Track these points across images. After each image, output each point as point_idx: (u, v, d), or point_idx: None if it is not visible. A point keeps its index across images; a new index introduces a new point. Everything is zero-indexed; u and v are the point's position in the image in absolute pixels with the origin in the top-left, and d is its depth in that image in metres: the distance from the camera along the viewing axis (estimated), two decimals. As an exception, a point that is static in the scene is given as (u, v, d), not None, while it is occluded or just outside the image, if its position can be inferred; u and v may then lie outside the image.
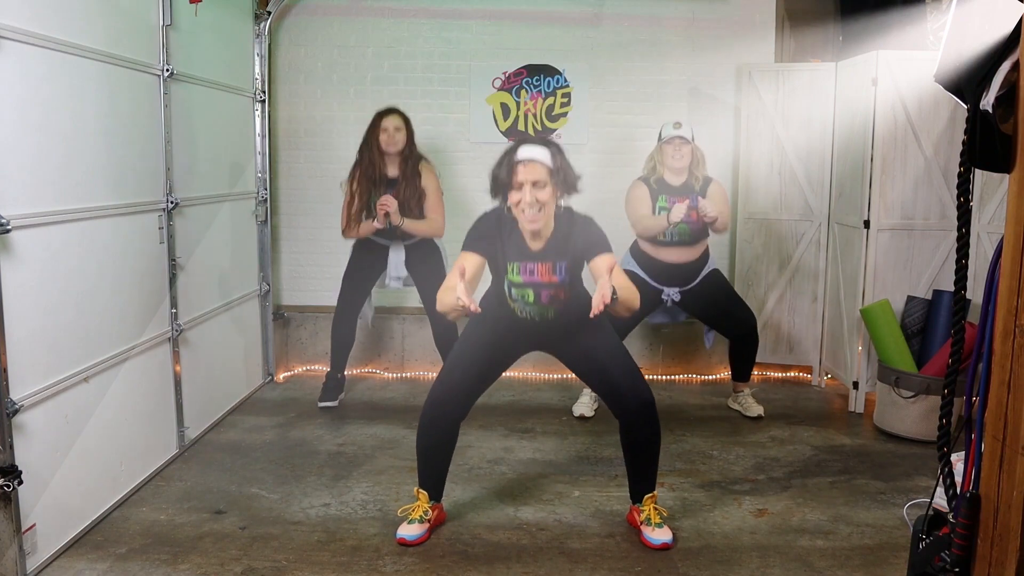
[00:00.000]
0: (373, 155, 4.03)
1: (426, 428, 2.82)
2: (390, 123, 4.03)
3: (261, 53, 4.54)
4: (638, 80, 4.89)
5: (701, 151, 4.00)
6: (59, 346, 2.66)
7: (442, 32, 4.87)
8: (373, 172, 4.03)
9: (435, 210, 4.09)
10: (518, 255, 2.72)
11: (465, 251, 2.71)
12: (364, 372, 4.95)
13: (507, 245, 2.72)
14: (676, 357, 5.01)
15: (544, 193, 2.60)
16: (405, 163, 4.06)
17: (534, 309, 2.76)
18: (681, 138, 3.90)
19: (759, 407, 4.17)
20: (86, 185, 2.83)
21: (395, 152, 4.04)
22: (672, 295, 4.03)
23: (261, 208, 4.61)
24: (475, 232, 2.75)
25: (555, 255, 2.71)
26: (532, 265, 2.70)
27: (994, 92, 1.53)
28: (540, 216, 2.62)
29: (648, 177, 3.99)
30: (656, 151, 4.00)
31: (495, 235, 2.72)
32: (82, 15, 2.79)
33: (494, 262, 2.77)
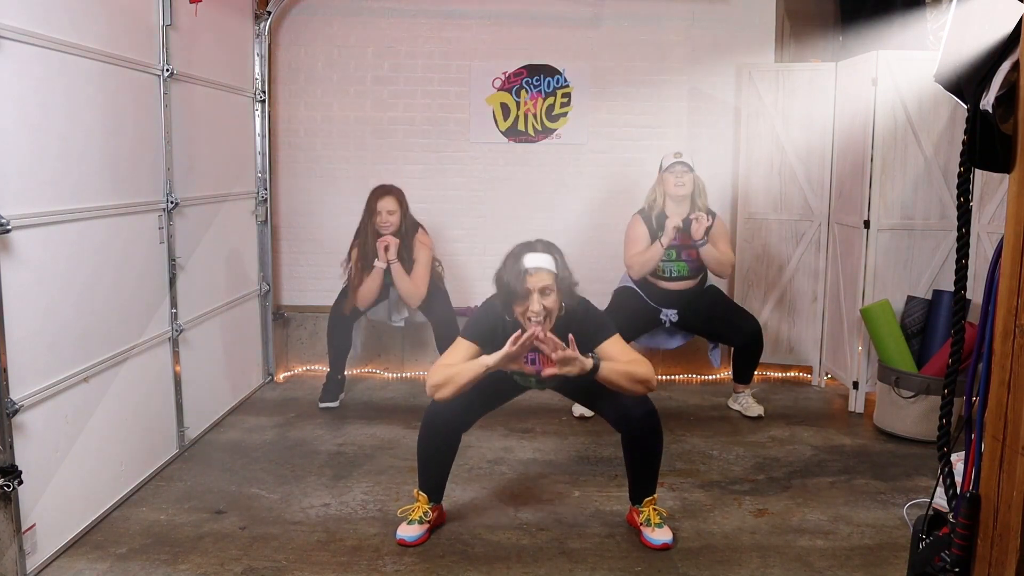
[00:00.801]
0: (369, 237, 4.13)
1: (426, 436, 2.81)
2: (383, 206, 4.11)
3: (261, 53, 4.54)
4: (638, 80, 4.88)
5: (702, 181, 4.04)
6: (59, 346, 2.66)
7: (442, 32, 4.87)
8: (369, 250, 4.12)
9: (419, 280, 4.16)
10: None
11: (464, 338, 2.74)
12: (364, 372, 4.95)
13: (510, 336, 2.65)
14: (676, 357, 5.00)
15: (550, 300, 2.62)
16: (402, 240, 4.14)
17: (536, 384, 2.88)
18: (683, 164, 3.93)
19: (759, 407, 4.17)
20: (86, 185, 2.83)
21: (390, 233, 4.12)
22: (670, 316, 4.07)
23: (261, 208, 4.61)
24: (477, 321, 2.78)
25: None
26: (534, 355, 2.70)
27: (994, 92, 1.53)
28: (545, 324, 2.63)
29: (649, 213, 4.02)
30: (657, 181, 4.04)
31: (498, 332, 2.72)
32: (82, 15, 2.79)
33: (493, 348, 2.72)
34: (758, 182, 4.73)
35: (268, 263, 4.71)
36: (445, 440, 2.82)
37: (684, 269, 4.00)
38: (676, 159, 3.94)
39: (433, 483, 2.87)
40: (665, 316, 4.08)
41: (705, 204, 4.01)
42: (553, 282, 2.62)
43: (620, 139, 4.93)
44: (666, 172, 3.97)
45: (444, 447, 2.83)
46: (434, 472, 2.87)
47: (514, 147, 4.94)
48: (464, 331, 2.79)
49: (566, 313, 2.72)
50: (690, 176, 3.94)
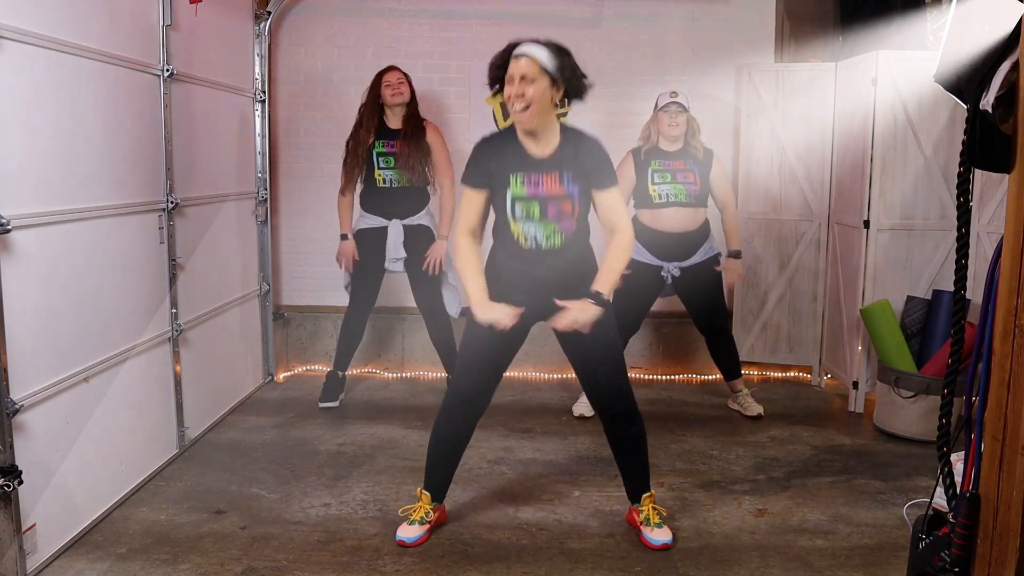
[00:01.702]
0: (373, 108, 4.05)
1: (444, 428, 2.80)
2: (393, 76, 4.06)
3: (261, 53, 4.54)
4: (638, 80, 4.88)
5: (697, 120, 3.99)
6: (59, 346, 2.66)
7: (442, 32, 4.87)
8: (373, 122, 4.03)
9: (443, 172, 4.10)
10: (522, 165, 2.64)
11: (466, 187, 2.70)
12: (364, 372, 4.95)
13: (507, 159, 2.65)
14: (676, 357, 5.01)
15: (532, 89, 2.52)
16: (408, 117, 4.07)
17: (541, 230, 2.63)
18: (677, 105, 3.90)
19: (759, 407, 4.17)
20: (86, 185, 2.83)
21: (399, 103, 4.06)
22: (672, 270, 3.98)
23: (261, 208, 4.61)
24: (472, 162, 2.70)
25: (561, 166, 2.63)
26: (537, 176, 2.62)
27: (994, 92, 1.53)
28: (527, 115, 2.56)
29: (640, 148, 3.99)
30: (652, 120, 4.00)
31: (491, 156, 2.67)
32: (82, 15, 2.79)
33: (495, 187, 2.67)
34: (758, 182, 4.72)
35: (268, 263, 4.71)
36: (465, 430, 2.81)
37: (681, 193, 3.90)
38: (672, 99, 3.91)
39: (439, 481, 2.87)
40: (667, 271, 3.97)
41: (700, 143, 3.97)
42: (537, 72, 2.52)
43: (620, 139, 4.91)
44: (660, 111, 3.93)
45: (462, 438, 2.82)
46: (443, 468, 2.86)
47: (514, 147, 4.93)
48: (464, 178, 2.72)
49: (574, 137, 2.67)
50: (684, 116, 3.92)
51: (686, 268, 3.99)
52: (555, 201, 2.62)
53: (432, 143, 4.10)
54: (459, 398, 2.77)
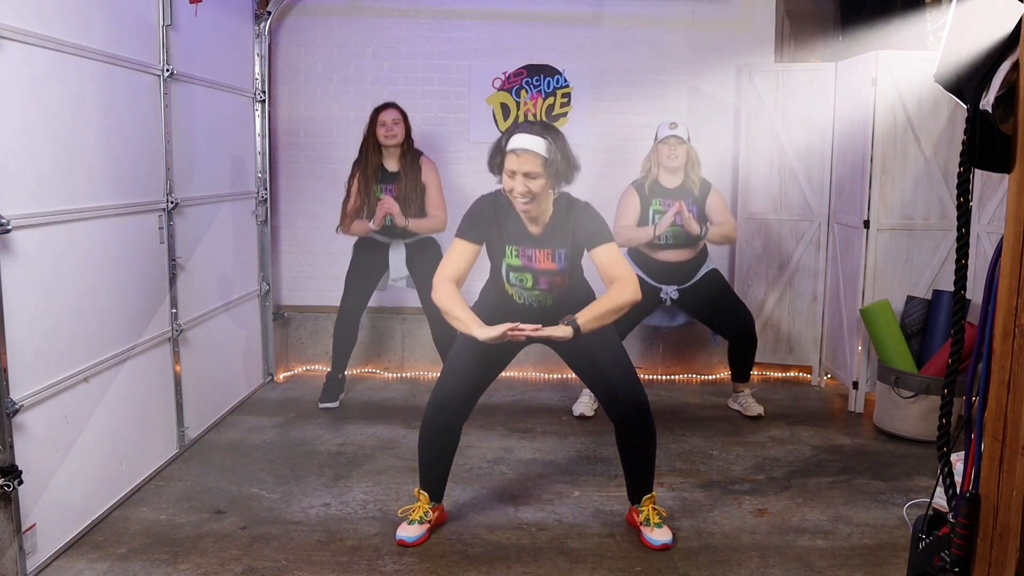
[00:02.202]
0: (371, 150, 4.06)
1: (428, 432, 2.81)
2: (388, 116, 4.07)
3: (261, 53, 4.54)
4: (638, 80, 4.88)
5: (696, 152, 4.02)
6: (59, 346, 2.66)
7: (442, 32, 4.87)
8: (371, 167, 4.05)
9: (437, 205, 4.11)
10: (517, 239, 2.70)
11: (459, 238, 2.69)
12: (364, 372, 4.95)
13: (505, 228, 2.69)
14: (676, 357, 5.01)
15: (536, 184, 2.55)
16: (404, 157, 4.09)
17: (533, 295, 2.75)
18: (676, 137, 3.92)
19: (759, 407, 4.17)
20: (86, 185, 2.83)
21: (394, 145, 4.07)
22: (670, 293, 4.03)
23: (261, 208, 4.61)
24: (470, 218, 2.71)
25: (554, 242, 2.68)
26: (531, 251, 2.69)
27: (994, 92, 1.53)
28: (532, 205, 2.60)
29: (643, 182, 4.01)
30: (652, 152, 4.03)
31: (491, 219, 2.69)
32: (82, 15, 2.79)
33: (491, 246, 2.74)
34: (758, 182, 4.73)
35: (268, 263, 4.71)
36: (447, 435, 2.81)
37: (679, 235, 3.92)
38: (671, 131, 3.93)
39: (435, 481, 2.87)
40: (665, 294, 4.03)
41: (699, 176, 4.00)
42: (540, 167, 2.53)
43: (620, 139, 4.93)
44: (660, 143, 3.96)
45: (446, 443, 2.83)
46: (436, 470, 2.86)
47: (514, 147, 4.93)
48: (459, 232, 2.71)
49: (565, 207, 2.68)
50: (683, 148, 3.94)
51: (684, 289, 4.05)
52: (547, 274, 2.71)
53: (428, 182, 4.12)
54: (437, 405, 2.78)
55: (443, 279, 2.64)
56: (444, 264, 2.68)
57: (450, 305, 2.59)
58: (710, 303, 4.08)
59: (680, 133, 3.93)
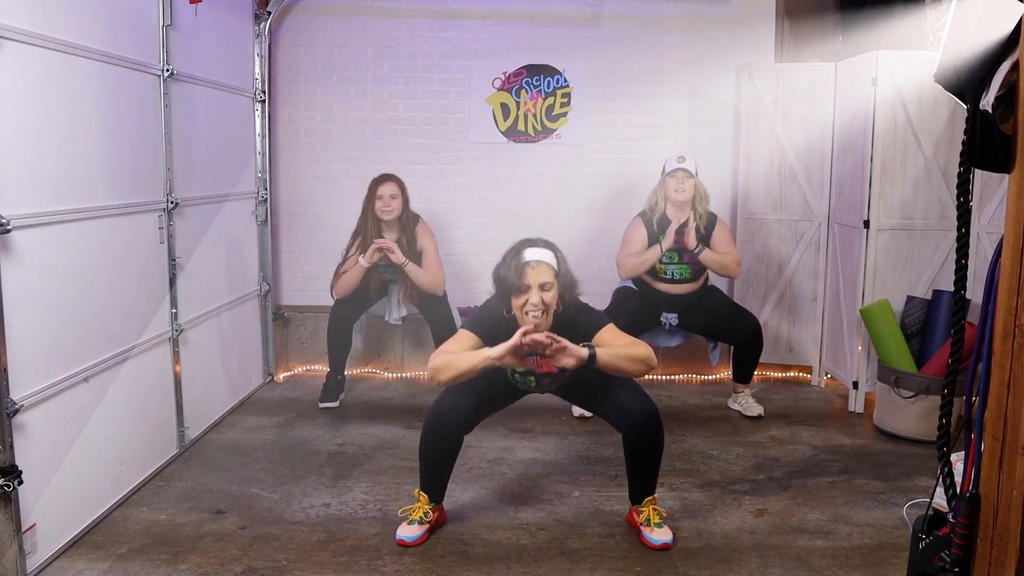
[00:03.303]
0: (370, 222, 4.14)
1: (429, 437, 2.81)
2: (385, 191, 4.13)
3: (261, 53, 4.54)
4: (638, 80, 4.88)
5: (704, 187, 4.05)
6: (59, 346, 2.66)
7: (442, 32, 4.87)
8: (369, 239, 4.10)
9: (435, 268, 4.18)
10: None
11: (465, 330, 2.77)
12: (364, 372, 4.95)
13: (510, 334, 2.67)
14: (676, 357, 5.00)
15: (549, 295, 2.65)
16: (402, 230, 4.17)
17: (536, 388, 2.91)
18: (684, 171, 3.94)
19: (759, 407, 4.17)
20: (86, 185, 2.83)
21: (391, 219, 4.13)
22: (670, 319, 4.09)
23: (261, 208, 4.61)
24: (481, 318, 2.80)
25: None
26: (534, 358, 2.72)
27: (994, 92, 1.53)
28: (542, 319, 2.66)
29: (650, 216, 4.03)
30: (659, 185, 4.05)
31: (500, 327, 2.73)
32: (82, 15, 2.79)
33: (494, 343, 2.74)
34: (758, 182, 4.72)
35: (268, 263, 4.71)
36: (447, 441, 2.82)
37: (686, 272, 4.00)
38: (679, 164, 3.95)
39: (434, 484, 2.87)
40: (665, 319, 4.10)
41: (706, 210, 4.02)
42: (553, 278, 2.66)
43: (620, 139, 4.93)
44: (668, 176, 3.98)
45: (446, 448, 2.83)
46: (435, 473, 2.87)
47: (514, 147, 4.94)
48: (466, 324, 2.81)
49: (559, 314, 2.74)
50: (691, 182, 3.95)
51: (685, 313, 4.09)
52: (549, 376, 2.81)
53: (424, 247, 4.19)
54: (439, 418, 2.78)
55: (443, 351, 2.70)
56: (446, 344, 2.75)
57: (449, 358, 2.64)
58: (714, 318, 4.10)
59: (688, 167, 3.95)
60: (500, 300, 2.75)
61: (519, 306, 2.66)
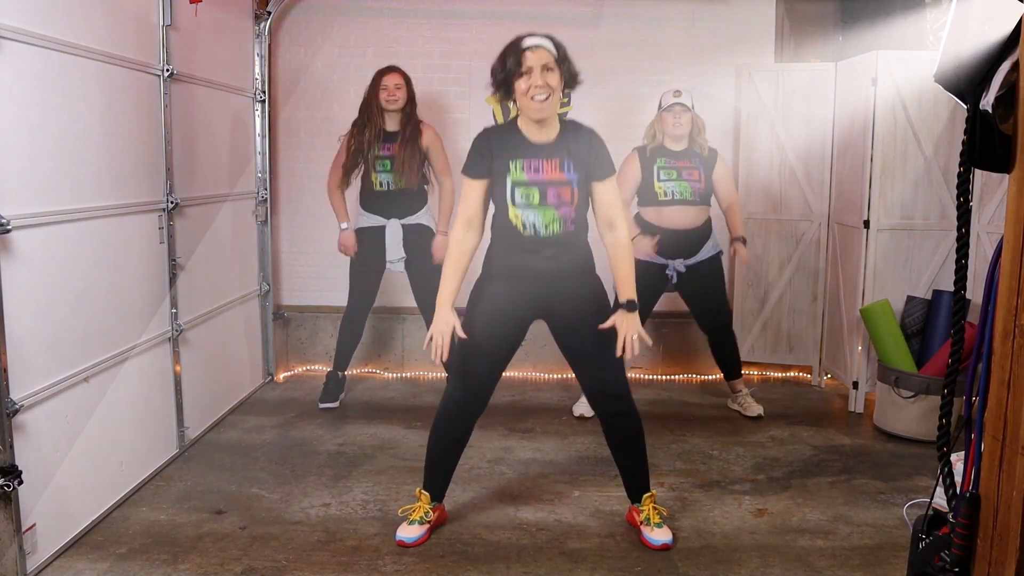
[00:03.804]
0: (372, 111, 4.05)
1: (444, 426, 2.80)
2: (390, 80, 4.05)
3: (261, 53, 4.54)
4: (638, 80, 4.88)
5: (701, 119, 4.01)
6: (59, 346, 2.66)
7: (442, 32, 4.87)
8: (370, 126, 4.03)
9: (444, 171, 4.11)
10: (522, 152, 2.66)
11: (467, 177, 2.72)
12: (364, 372, 4.95)
13: (509, 146, 2.67)
14: (676, 357, 5.00)
15: (553, 78, 2.58)
16: (406, 121, 4.08)
17: (539, 217, 2.62)
18: (681, 105, 3.91)
19: (758, 407, 4.17)
20: (86, 185, 2.83)
21: (395, 109, 4.06)
22: (677, 267, 3.98)
23: (261, 208, 4.61)
24: (472, 154, 2.73)
25: (562, 152, 2.65)
26: (538, 162, 2.64)
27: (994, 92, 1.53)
28: (548, 104, 2.60)
29: (646, 146, 4.00)
30: (656, 119, 4.01)
31: (494, 144, 2.69)
32: (82, 15, 2.79)
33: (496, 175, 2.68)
34: (758, 182, 4.72)
35: (268, 263, 4.71)
36: (462, 429, 2.81)
37: (687, 190, 3.91)
38: (675, 99, 3.91)
39: (438, 481, 2.87)
40: (671, 270, 3.98)
41: (705, 141, 3.99)
42: (554, 60, 2.60)
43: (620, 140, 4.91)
44: (664, 111, 3.94)
45: (459, 437, 2.82)
46: (442, 467, 2.86)
47: (514, 147, 4.93)
48: (465, 170, 2.73)
49: (572, 127, 2.71)
50: (688, 116, 3.93)
51: (691, 265, 4.01)
52: (555, 186, 2.64)
53: (430, 146, 4.10)
54: (454, 400, 2.78)
55: (458, 225, 2.70)
56: (459, 209, 2.73)
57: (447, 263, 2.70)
58: (702, 290, 4.07)
59: (685, 101, 3.92)
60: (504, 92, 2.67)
61: (523, 92, 2.60)
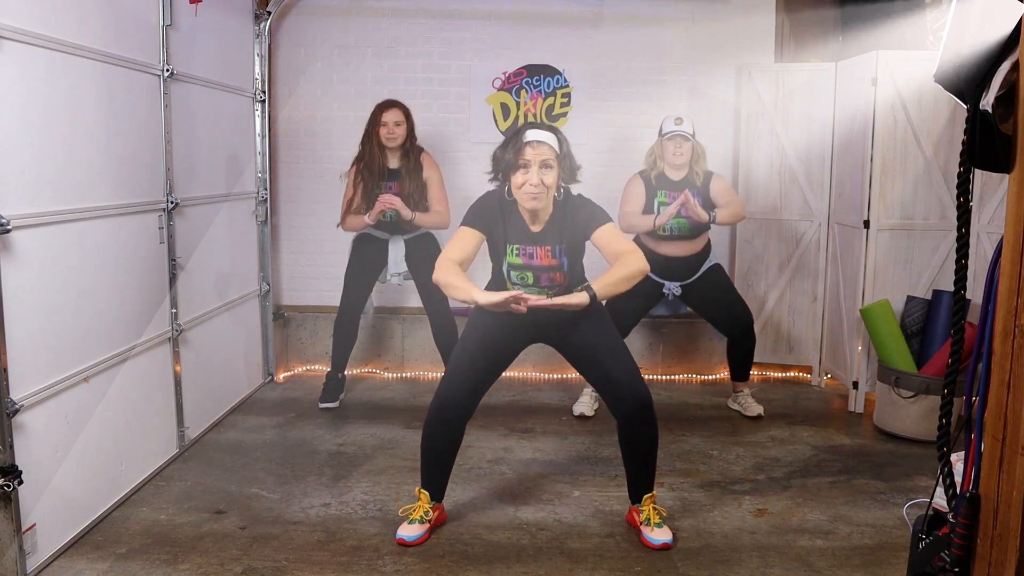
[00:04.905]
0: (373, 148, 4.04)
1: (432, 430, 2.81)
2: (390, 117, 4.04)
3: (261, 53, 4.54)
4: (638, 80, 4.89)
5: (702, 147, 4.01)
6: (59, 346, 2.66)
7: (442, 32, 4.87)
8: (374, 165, 4.04)
9: (440, 201, 4.11)
10: (517, 237, 2.75)
11: (464, 226, 2.74)
12: (364, 372, 4.95)
13: (507, 227, 2.75)
14: (676, 357, 5.01)
15: (549, 176, 2.64)
16: (406, 156, 4.08)
17: (534, 292, 2.76)
18: (682, 135, 3.91)
19: (759, 407, 4.17)
20: (86, 185, 2.83)
21: (395, 146, 4.06)
22: (673, 289, 4.03)
23: (261, 208, 4.61)
24: (477, 209, 2.77)
25: (553, 239, 2.74)
26: (531, 248, 2.73)
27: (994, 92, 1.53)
28: (540, 200, 2.65)
29: (648, 172, 4.01)
30: (656, 146, 4.01)
31: (496, 215, 2.74)
32: (82, 15, 2.79)
33: (493, 243, 2.79)
34: (758, 182, 4.73)
35: (268, 263, 4.71)
36: (452, 431, 2.81)
37: (684, 226, 3.93)
38: (676, 128, 3.91)
39: (436, 480, 2.87)
40: (668, 289, 4.03)
41: (703, 168, 3.98)
42: (554, 158, 2.63)
43: (620, 139, 4.93)
44: (665, 139, 3.95)
45: (450, 439, 2.83)
46: (438, 468, 2.86)
47: (514, 147, 4.93)
48: (465, 220, 2.76)
49: (562, 203, 2.73)
50: (689, 145, 3.93)
51: (688, 285, 4.05)
52: (548, 271, 2.76)
53: (429, 178, 4.11)
54: (441, 405, 2.78)
55: (446, 259, 2.68)
56: (448, 248, 2.73)
57: (450, 277, 2.63)
58: (712, 299, 4.08)
59: (686, 129, 3.92)
60: (500, 181, 2.72)
61: (518, 186, 2.64)
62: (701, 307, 4.14)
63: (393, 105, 4.08)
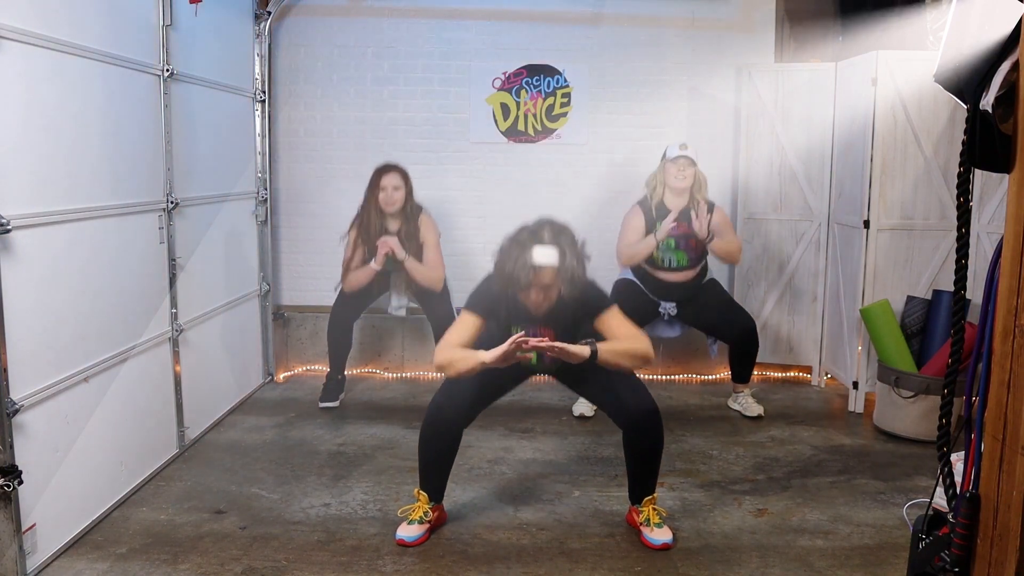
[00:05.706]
0: (371, 213, 4.11)
1: (428, 434, 2.82)
2: (388, 182, 4.09)
3: (261, 53, 4.54)
4: (638, 80, 4.88)
5: (704, 176, 4.05)
6: (59, 346, 2.66)
7: (442, 32, 4.87)
8: (372, 229, 4.09)
9: (434, 262, 4.16)
10: (521, 321, 2.77)
11: (467, 311, 2.77)
12: (364, 372, 4.95)
13: (511, 311, 2.77)
14: (676, 357, 5.01)
15: (552, 293, 2.68)
16: (405, 220, 4.14)
17: (537, 366, 2.87)
18: (687, 159, 3.93)
19: (759, 407, 4.17)
20: (86, 185, 2.83)
21: (394, 211, 4.11)
22: (669, 309, 4.09)
23: (261, 208, 4.61)
24: (480, 295, 2.80)
25: (557, 323, 2.76)
26: (534, 330, 2.74)
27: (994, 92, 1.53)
28: (543, 305, 2.70)
29: (648, 202, 4.03)
30: (659, 170, 4.04)
31: (501, 304, 2.76)
32: (82, 15, 2.79)
33: (497, 329, 2.79)
34: (758, 182, 4.73)
35: (268, 263, 4.71)
36: (447, 437, 2.82)
37: (683, 259, 3.99)
38: (681, 152, 3.94)
39: (434, 482, 2.87)
40: (664, 309, 4.09)
41: (704, 197, 4.01)
42: (555, 278, 2.65)
43: (620, 139, 4.93)
44: (669, 162, 3.97)
45: (446, 445, 2.83)
46: (435, 471, 2.87)
47: (514, 147, 4.94)
48: (467, 304, 2.79)
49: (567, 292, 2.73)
50: (692, 170, 3.96)
51: (683, 304, 4.09)
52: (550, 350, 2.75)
53: (426, 239, 4.15)
54: (438, 406, 2.80)
55: (446, 343, 2.71)
56: (449, 332, 2.76)
57: (451, 355, 2.66)
58: (711, 312, 4.10)
59: (691, 155, 3.95)
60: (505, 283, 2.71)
61: (521, 299, 2.70)
62: (702, 321, 4.17)
63: (391, 169, 4.12)
